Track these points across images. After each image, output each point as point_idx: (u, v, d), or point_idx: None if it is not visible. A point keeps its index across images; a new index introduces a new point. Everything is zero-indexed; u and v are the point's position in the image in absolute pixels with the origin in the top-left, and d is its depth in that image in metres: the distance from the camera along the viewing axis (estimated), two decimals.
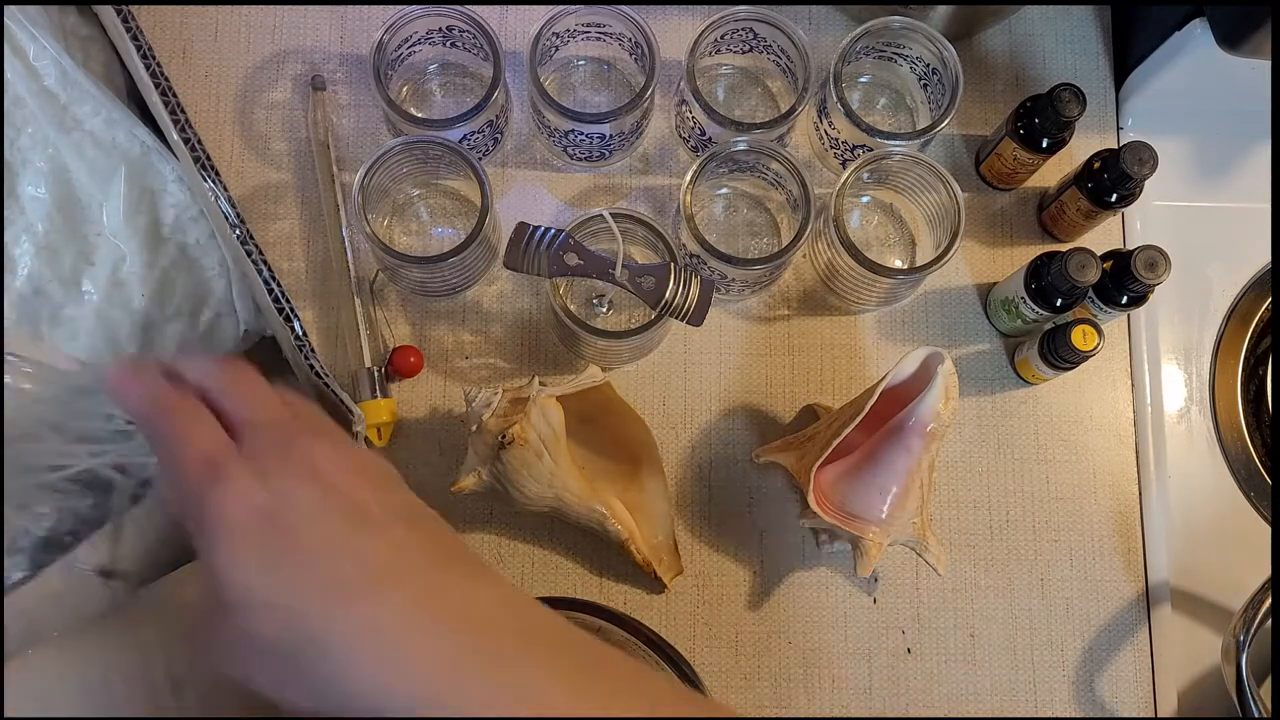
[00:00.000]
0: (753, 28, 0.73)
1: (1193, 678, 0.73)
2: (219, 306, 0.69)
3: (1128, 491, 0.76)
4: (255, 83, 0.77)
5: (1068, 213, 0.75)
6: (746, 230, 0.76)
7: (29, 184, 0.66)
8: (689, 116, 0.73)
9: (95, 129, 0.66)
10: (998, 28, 0.81)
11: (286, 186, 0.76)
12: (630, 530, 0.68)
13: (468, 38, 0.72)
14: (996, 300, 0.76)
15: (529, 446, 0.63)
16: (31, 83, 0.65)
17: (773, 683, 0.71)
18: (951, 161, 0.79)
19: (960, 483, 0.75)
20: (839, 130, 0.73)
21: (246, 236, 0.65)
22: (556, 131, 0.73)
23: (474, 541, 0.72)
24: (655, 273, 0.65)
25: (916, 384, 0.63)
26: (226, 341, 0.70)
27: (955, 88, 0.71)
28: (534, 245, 0.65)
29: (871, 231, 0.77)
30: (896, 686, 0.72)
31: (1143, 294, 0.72)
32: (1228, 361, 0.79)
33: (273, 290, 0.65)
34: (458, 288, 0.74)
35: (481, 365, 0.74)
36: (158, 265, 0.67)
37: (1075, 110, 0.70)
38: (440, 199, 0.76)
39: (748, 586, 0.72)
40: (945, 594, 0.73)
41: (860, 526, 0.64)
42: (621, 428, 0.71)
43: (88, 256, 0.67)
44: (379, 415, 0.71)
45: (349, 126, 0.77)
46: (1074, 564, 0.74)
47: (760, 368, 0.76)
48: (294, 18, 0.78)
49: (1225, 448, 0.77)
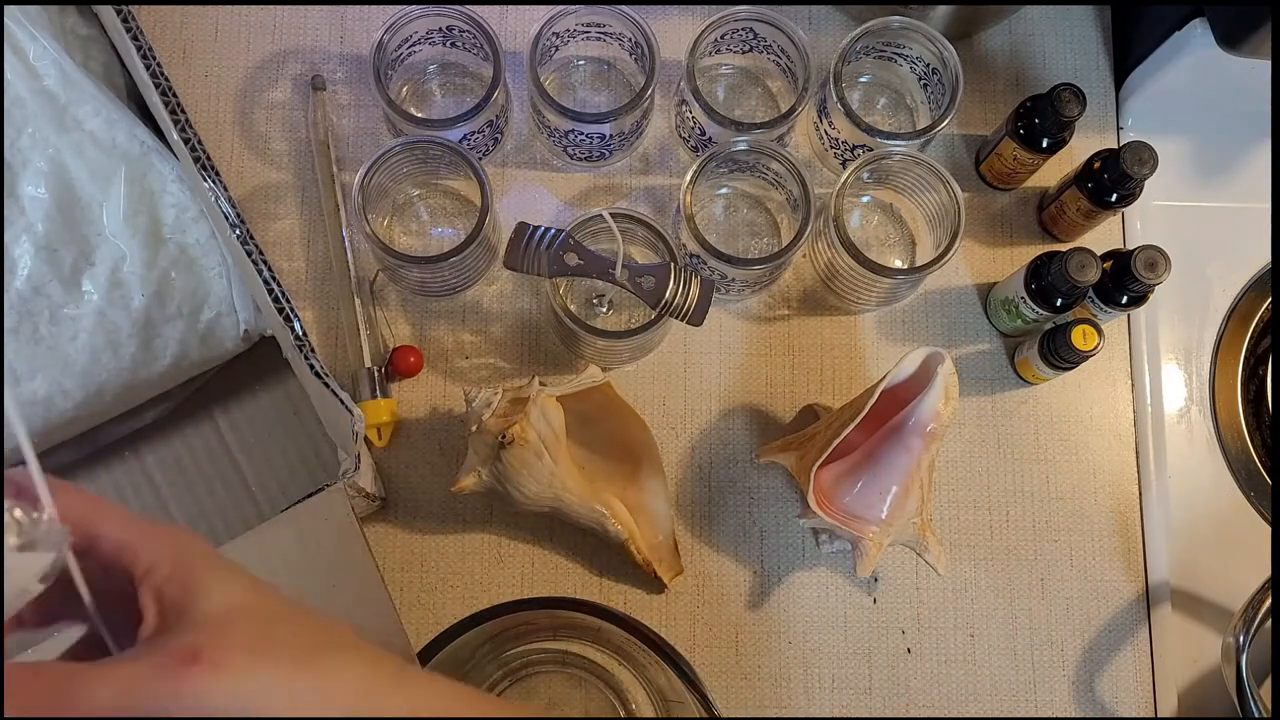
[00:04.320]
0: (753, 28, 0.73)
1: (1193, 678, 0.73)
2: (219, 306, 0.69)
3: (1128, 491, 0.75)
4: (255, 83, 0.77)
5: (1068, 213, 0.75)
6: (746, 230, 0.76)
7: (29, 184, 0.66)
8: (689, 116, 0.73)
9: (95, 129, 0.66)
10: (998, 28, 0.81)
11: (286, 186, 0.76)
12: (630, 530, 0.68)
13: (468, 38, 0.72)
14: (996, 300, 0.76)
15: (529, 446, 0.63)
16: (31, 83, 0.65)
17: (773, 683, 0.71)
18: (951, 161, 0.79)
19: (960, 483, 0.75)
20: (839, 130, 0.73)
21: (246, 236, 0.65)
22: (556, 131, 0.73)
23: (474, 541, 0.72)
24: (655, 273, 0.65)
25: (916, 384, 0.63)
26: (226, 341, 0.70)
27: (955, 88, 0.71)
28: (534, 245, 0.65)
29: (871, 231, 0.77)
30: (896, 686, 0.72)
31: (1143, 294, 0.72)
32: (1228, 361, 0.79)
33: (273, 290, 0.65)
34: (458, 288, 0.74)
35: (481, 365, 0.74)
36: (158, 265, 0.67)
37: (1075, 110, 0.70)
38: (440, 199, 0.76)
39: (748, 586, 0.72)
40: (945, 594, 0.73)
41: (860, 526, 0.64)
42: (621, 428, 0.71)
43: (88, 256, 0.67)
44: (379, 415, 0.71)
45: (349, 126, 0.77)
46: (1074, 564, 0.74)
47: (760, 368, 0.76)
48: (294, 18, 0.78)
49: (1225, 448, 0.77)
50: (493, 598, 0.70)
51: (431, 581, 0.71)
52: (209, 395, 0.76)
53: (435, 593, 0.71)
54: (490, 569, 0.72)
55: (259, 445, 0.77)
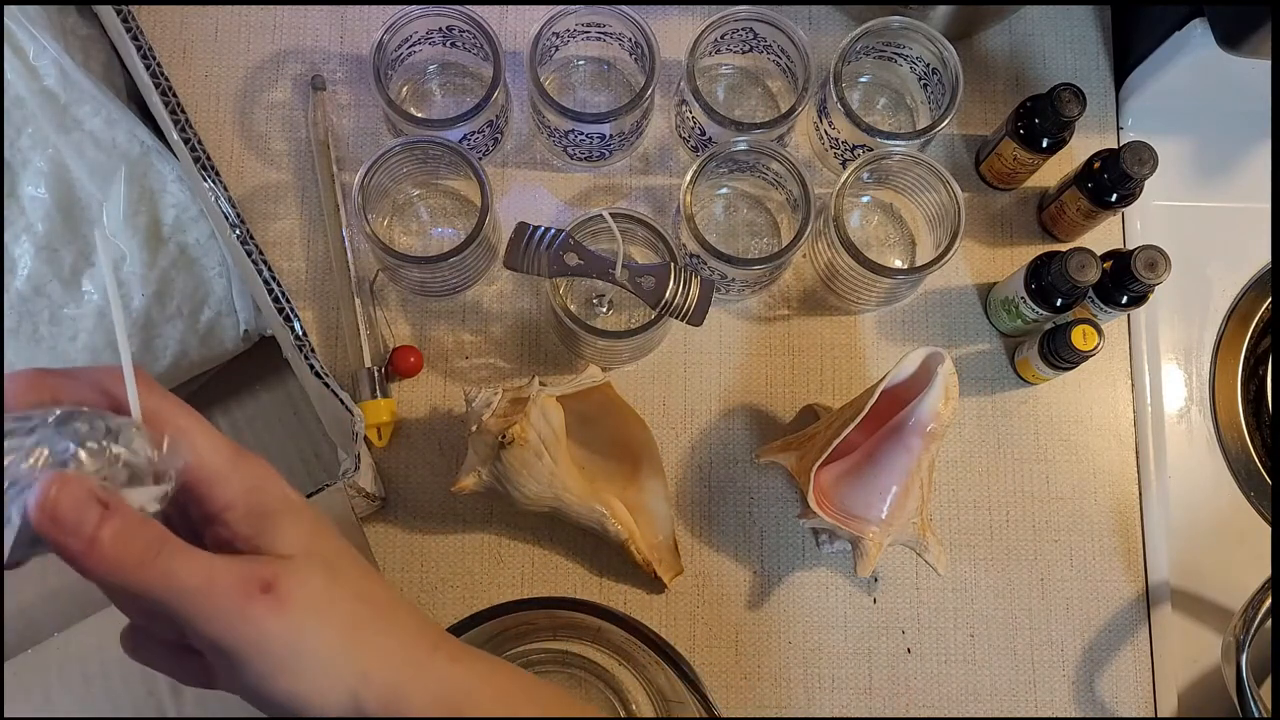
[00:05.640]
0: (753, 28, 0.73)
1: (1193, 678, 0.73)
2: (219, 306, 0.69)
3: (1128, 491, 0.75)
4: (255, 83, 0.77)
5: (1068, 213, 0.75)
6: (746, 230, 0.76)
7: (29, 184, 0.66)
8: (689, 116, 0.73)
9: (95, 129, 0.66)
10: (998, 28, 0.81)
11: (286, 186, 0.76)
12: (630, 530, 0.68)
13: (468, 38, 0.72)
14: (996, 300, 0.76)
15: (529, 446, 0.63)
16: (31, 83, 0.65)
17: (773, 683, 0.71)
18: (951, 161, 0.79)
19: (960, 483, 0.75)
20: (839, 130, 0.73)
21: (246, 236, 0.65)
22: (556, 131, 0.73)
23: (474, 541, 0.72)
24: (655, 273, 0.65)
25: (916, 384, 0.63)
26: (226, 341, 0.70)
27: (955, 88, 0.71)
28: (534, 245, 0.65)
29: (871, 231, 0.77)
30: (896, 686, 0.72)
31: (1143, 294, 0.72)
32: (1228, 361, 0.79)
33: (273, 290, 0.65)
34: (458, 288, 0.74)
35: (481, 365, 0.74)
36: (158, 265, 0.67)
37: (1075, 110, 0.70)
38: (440, 199, 0.76)
39: (748, 586, 0.72)
40: (945, 594, 0.73)
41: (860, 526, 0.64)
42: (621, 428, 0.71)
43: (88, 256, 0.67)
44: (379, 415, 0.71)
45: (349, 126, 0.77)
46: (1074, 564, 0.74)
47: (760, 368, 0.76)
48: (294, 18, 0.78)
49: (1225, 448, 0.77)
50: (493, 598, 0.70)
51: (431, 581, 0.71)
52: (209, 395, 0.76)
53: (435, 593, 0.71)
54: (490, 569, 0.72)
55: (259, 445, 0.77)
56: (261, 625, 0.37)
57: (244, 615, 0.37)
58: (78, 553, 0.34)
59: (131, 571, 0.35)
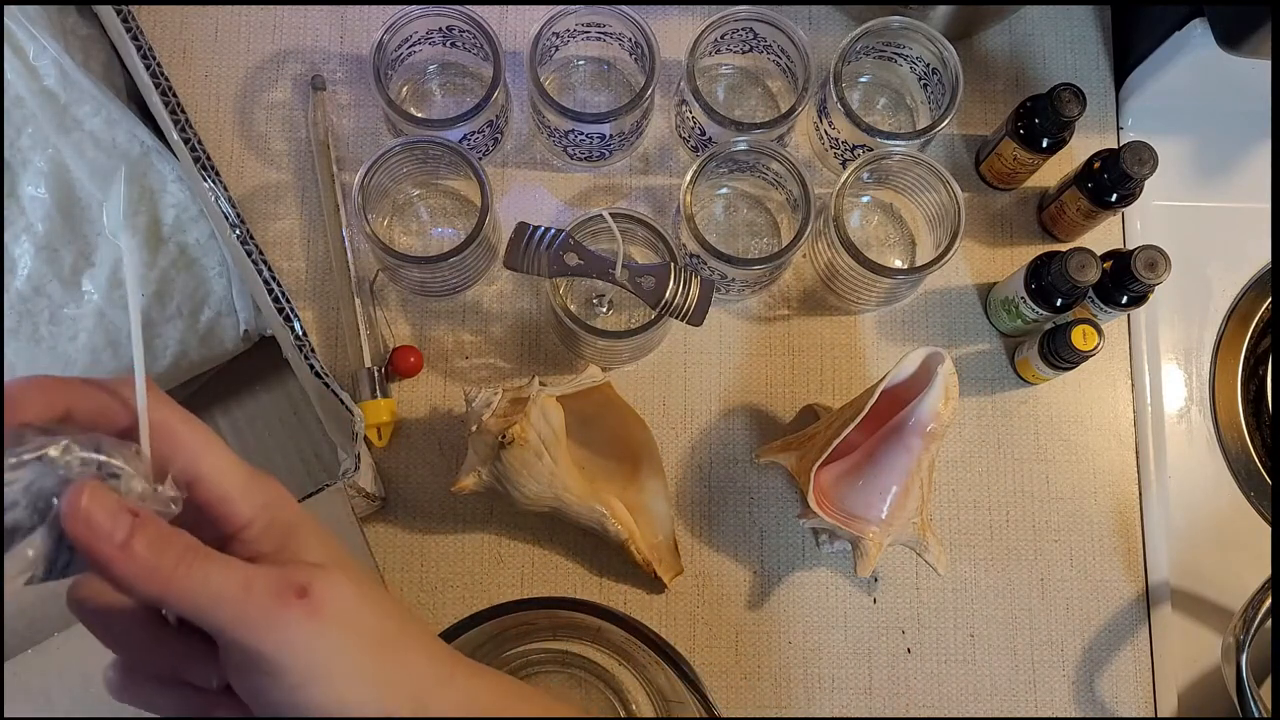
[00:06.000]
0: (753, 28, 0.73)
1: (1193, 678, 0.73)
2: (219, 306, 0.69)
3: (1128, 491, 0.75)
4: (255, 83, 0.77)
5: (1068, 213, 0.75)
6: (746, 230, 0.76)
7: (29, 184, 0.66)
8: (689, 116, 0.73)
9: (95, 129, 0.66)
10: (998, 28, 0.81)
11: (286, 186, 0.76)
12: (630, 530, 0.68)
13: (468, 38, 0.72)
14: (996, 300, 0.76)
15: (529, 446, 0.63)
16: (31, 83, 0.65)
17: (773, 683, 0.71)
18: (951, 161, 0.79)
19: (960, 483, 0.75)
20: (839, 130, 0.73)
21: (246, 236, 0.65)
22: (556, 131, 0.73)
23: (474, 541, 0.72)
24: (655, 273, 0.65)
25: (916, 384, 0.63)
26: (226, 341, 0.70)
27: (955, 88, 0.71)
28: (534, 245, 0.65)
29: (871, 231, 0.77)
30: (896, 686, 0.72)
31: (1143, 294, 0.72)
32: (1228, 361, 0.79)
33: (273, 290, 0.65)
34: (458, 288, 0.74)
35: (481, 365, 0.74)
36: (158, 265, 0.67)
37: (1075, 110, 0.70)
38: (440, 199, 0.76)
39: (748, 586, 0.72)
40: (945, 594, 0.73)
41: (860, 526, 0.64)
42: (621, 428, 0.71)
43: (88, 256, 0.67)
44: (379, 415, 0.71)
45: (349, 126, 0.77)
46: (1074, 564, 0.74)
47: (760, 368, 0.76)
48: (294, 18, 0.78)
49: (1225, 448, 0.77)
50: (493, 598, 0.70)
51: (431, 581, 0.71)
52: (209, 395, 0.76)
53: (435, 593, 0.71)
54: (490, 569, 0.72)
55: (259, 445, 0.77)
56: (298, 630, 0.36)
57: (281, 620, 0.36)
58: (110, 558, 0.33)
59: (165, 578, 0.34)
